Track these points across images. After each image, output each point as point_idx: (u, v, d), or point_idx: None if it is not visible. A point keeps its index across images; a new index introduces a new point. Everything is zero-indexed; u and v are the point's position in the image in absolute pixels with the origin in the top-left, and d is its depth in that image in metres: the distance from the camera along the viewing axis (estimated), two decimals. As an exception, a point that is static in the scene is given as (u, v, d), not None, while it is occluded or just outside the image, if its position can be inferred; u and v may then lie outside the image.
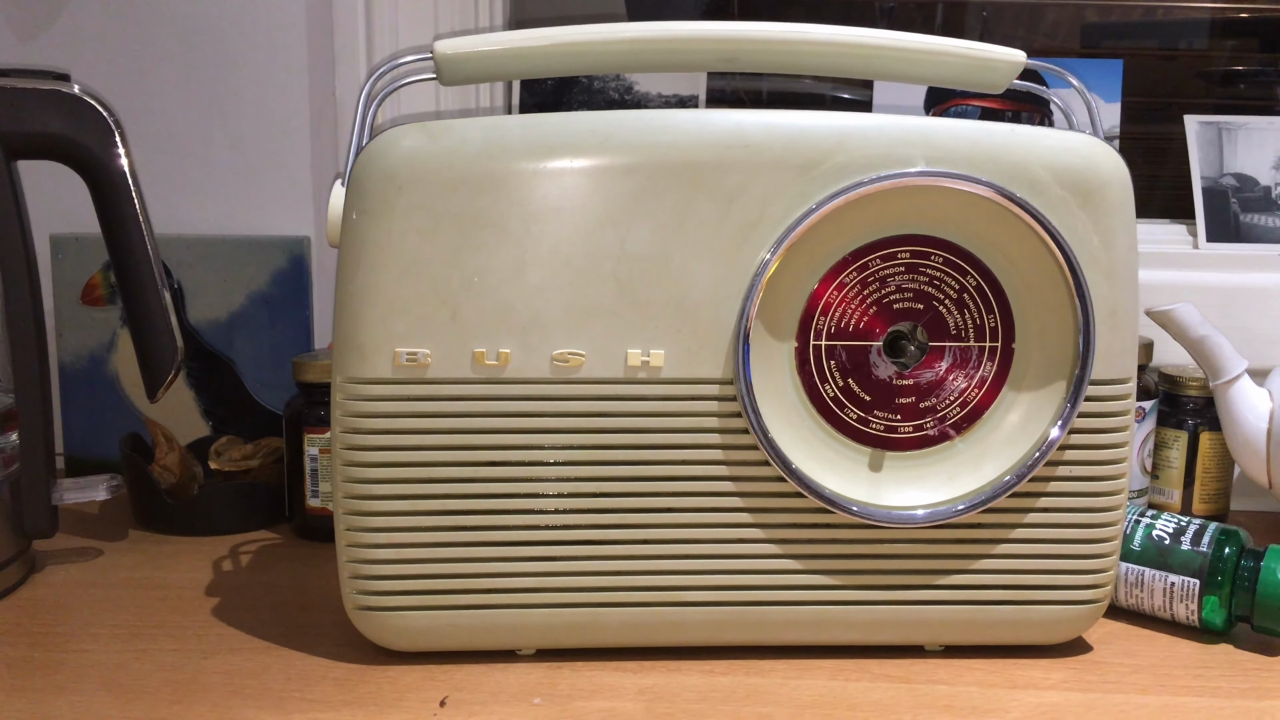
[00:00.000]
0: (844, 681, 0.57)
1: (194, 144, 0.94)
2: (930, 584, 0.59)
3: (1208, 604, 0.62)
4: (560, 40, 0.58)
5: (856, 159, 0.55)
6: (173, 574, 0.71)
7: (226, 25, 0.92)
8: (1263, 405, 0.76)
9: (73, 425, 0.91)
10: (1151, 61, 1.25)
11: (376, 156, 0.55)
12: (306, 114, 0.93)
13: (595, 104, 0.95)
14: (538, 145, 0.55)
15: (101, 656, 0.59)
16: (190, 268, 0.90)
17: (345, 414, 0.56)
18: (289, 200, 0.94)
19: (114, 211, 0.67)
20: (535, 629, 0.58)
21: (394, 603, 0.57)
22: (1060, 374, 0.57)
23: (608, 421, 0.56)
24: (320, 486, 0.77)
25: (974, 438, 0.59)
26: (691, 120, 0.55)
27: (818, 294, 0.57)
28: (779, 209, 0.55)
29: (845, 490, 0.57)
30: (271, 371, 0.91)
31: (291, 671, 0.58)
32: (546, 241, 0.55)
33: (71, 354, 0.90)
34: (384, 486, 0.56)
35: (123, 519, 0.82)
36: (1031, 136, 0.56)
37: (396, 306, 0.55)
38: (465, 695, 0.55)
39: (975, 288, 0.57)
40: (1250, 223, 0.93)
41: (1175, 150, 0.97)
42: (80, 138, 0.66)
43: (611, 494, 0.57)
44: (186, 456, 0.83)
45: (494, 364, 0.55)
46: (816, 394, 0.58)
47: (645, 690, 0.56)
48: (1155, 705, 0.55)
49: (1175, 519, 0.65)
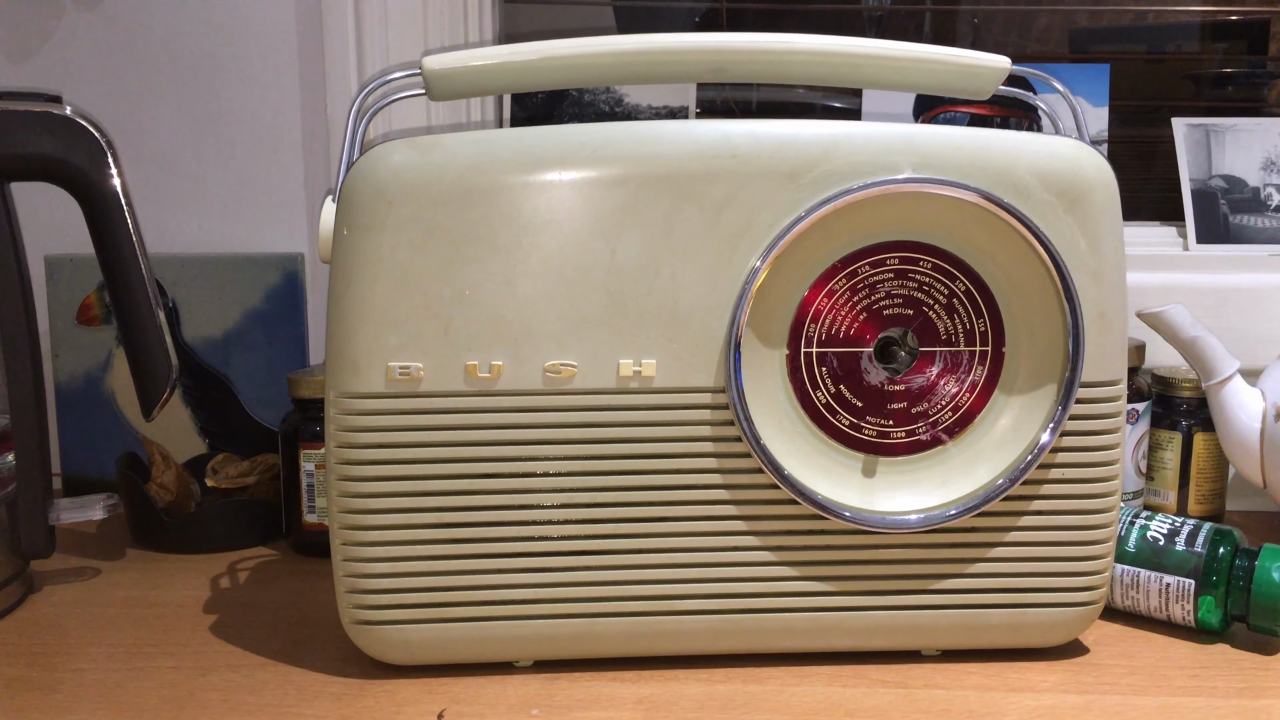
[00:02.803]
0: (842, 688, 0.57)
1: (187, 163, 0.94)
2: (925, 589, 0.59)
3: (1203, 604, 0.62)
4: (548, 54, 0.58)
5: (844, 166, 0.55)
6: (170, 592, 0.71)
7: (218, 44, 0.93)
8: (1255, 405, 0.76)
9: (69, 445, 0.91)
10: (1139, 65, 1.25)
11: (366, 172, 0.55)
12: (298, 131, 0.94)
13: (586, 117, 0.95)
14: (527, 158, 0.55)
15: (100, 675, 0.59)
16: (184, 286, 0.90)
17: (339, 428, 0.56)
18: (282, 217, 0.94)
19: (107, 232, 0.68)
20: (532, 640, 0.58)
21: (391, 616, 0.57)
22: (1051, 377, 0.58)
23: (601, 432, 0.56)
24: (317, 502, 0.77)
25: (966, 442, 0.59)
26: (679, 131, 0.56)
27: (808, 301, 0.57)
28: (768, 217, 0.55)
29: (838, 496, 0.57)
30: (267, 388, 0.91)
31: (289, 687, 0.58)
32: (537, 254, 0.55)
33: (67, 374, 0.90)
34: (379, 500, 0.56)
35: (120, 538, 0.82)
36: (1017, 141, 0.57)
37: (389, 321, 0.55)
38: (463, 708, 0.55)
39: (964, 293, 0.58)
40: (1240, 224, 0.93)
41: (1164, 153, 0.98)
42: (72, 159, 0.67)
43: (606, 504, 0.57)
44: (183, 474, 0.83)
45: (486, 376, 0.56)
46: (808, 401, 0.58)
47: (643, 700, 0.56)
48: (1152, 706, 0.56)
49: (1169, 520, 0.65)
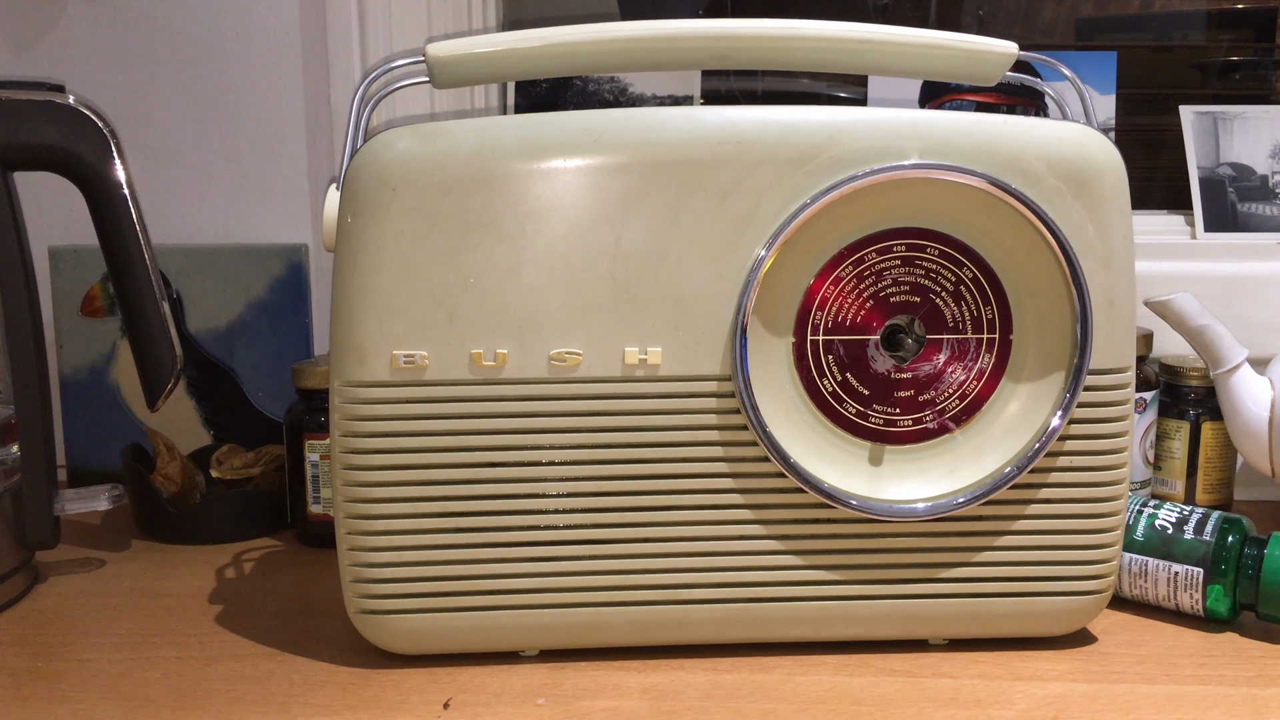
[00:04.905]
0: (848, 677, 0.57)
1: (190, 153, 0.94)
2: (933, 578, 0.59)
3: (1212, 593, 0.62)
4: (552, 41, 0.58)
5: (850, 153, 0.55)
6: (175, 583, 0.71)
7: (221, 34, 0.92)
8: (1263, 394, 0.76)
9: (74, 436, 0.91)
10: (1147, 54, 1.25)
11: (370, 159, 0.55)
12: (302, 121, 0.93)
13: (590, 105, 0.95)
14: (531, 145, 0.55)
15: (105, 666, 0.59)
16: (189, 277, 0.90)
17: (344, 418, 0.56)
18: (286, 208, 0.94)
19: (111, 222, 0.68)
20: (538, 629, 0.58)
21: (396, 606, 0.57)
22: (1059, 364, 0.57)
23: (606, 420, 0.56)
24: (322, 493, 0.77)
25: (974, 430, 0.59)
26: (684, 117, 0.55)
27: (814, 289, 0.57)
28: (773, 204, 0.55)
29: (845, 485, 0.57)
30: (272, 379, 0.91)
31: (295, 677, 0.58)
32: (542, 241, 0.55)
33: (72, 365, 0.90)
34: (384, 489, 0.56)
35: (125, 529, 0.82)
36: (1025, 127, 0.56)
37: (393, 309, 0.55)
38: (469, 697, 0.55)
39: (972, 280, 0.57)
40: (1248, 212, 0.93)
41: (1172, 141, 0.97)
42: (76, 149, 0.66)
43: (611, 493, 0.57)
44: (188, 465, 0.83)
45: (491, 365, 0.55)
46: (815, 389, 0.58)
47: (649, 689, 0.56)
48: (1161, 695, 0.55)
49: (1178, 508, 0.65)
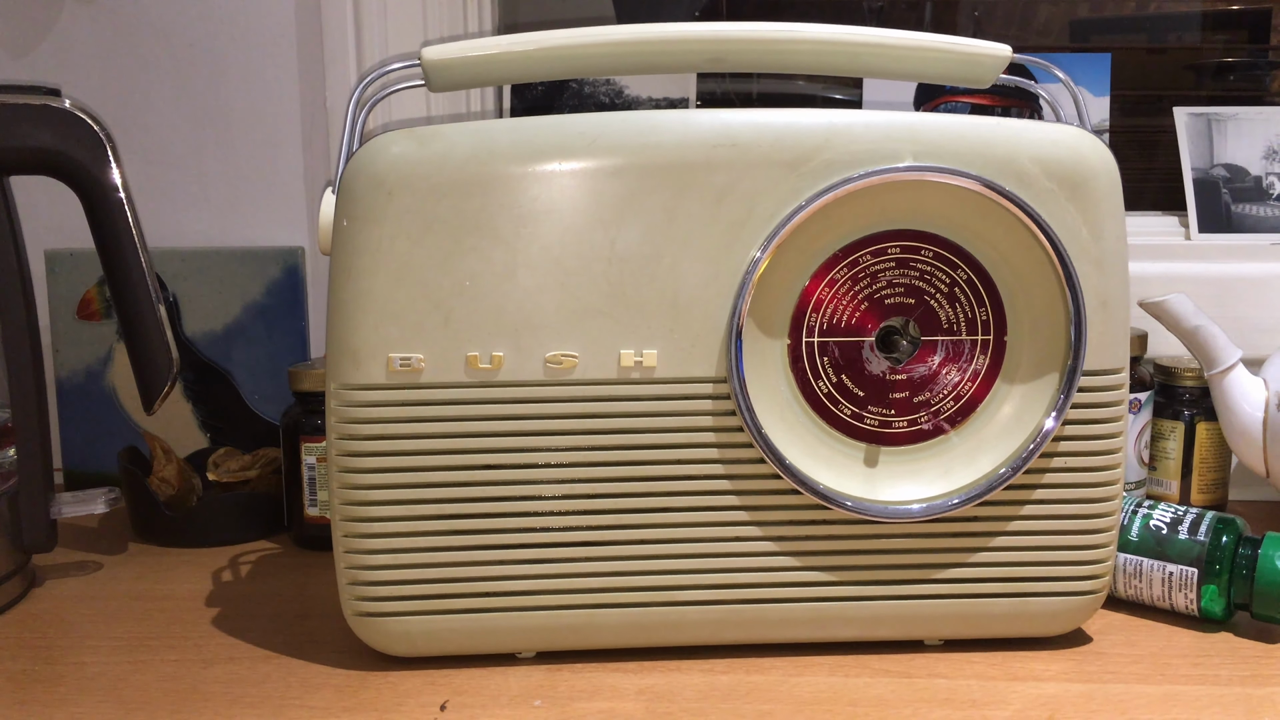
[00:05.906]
0: (844, 677, 0.57)
1: (186, 156, 0.94)
2: (928, 578, 0.59)
3: (1206, 593, 0.62)
4: (546, 44, 0.58)
5: (844, 155, 0.55)
6: (172, 585, 0.71)
7: (217, 37, 0.92)
8: (1258, 394, 0.76)
9: (71, 440, 0.91)
10: (1141, 55, 1.25)
11: (365, 163, 0.55)
12: (298, 124, 0.93)
13: (585, 108, 0.95)
14: (525, 148, 0.55)
15: (102, 669, 0.59)
16: (185, 280, 0.90)
17: (340, 420, 0.56)
18: (282, 211, 0.94)
19: (107, 225, 0.68)
20: (534, 631, 0.58)
21: (393, 608, 0.57)
22: (1053, 365, 0.58)
23: (602, 422, 0.56)
24: (318, 495, 0.77)
25: (968, 431, 0.59)
26: (678, 120, 0.56)
27: (809, 291, 0.57)
28: (768, 207, 0.55)
29: (840, 486, 0.57)
30: (268, 382, 0.91)
31: (292, 679, 0.58)
32: (537, 244, 0.55)
33: (68, 369, 0.90)
34: (380, 492, 0.56)
35: (122, 532, 0.82)
36: (1018, 129, 0.57)
37: (389, 312, 0.55)
38: (465, 699, 0.55)
39: (966, 281, 0.57)
40: (1242, 213, 0.93)
41: (1166, 143, 0.97)
42: (72, 152, 0.66)
43: (607, 495, 0.57)
44: (185, 468, 0.83)
45: (487, 367, 0.56)
46: (810, 391, 0.58)
47: (645, 690, 0.56)
48: (1156, 694, 0.55)
49: (1172, 508, 0.65)
